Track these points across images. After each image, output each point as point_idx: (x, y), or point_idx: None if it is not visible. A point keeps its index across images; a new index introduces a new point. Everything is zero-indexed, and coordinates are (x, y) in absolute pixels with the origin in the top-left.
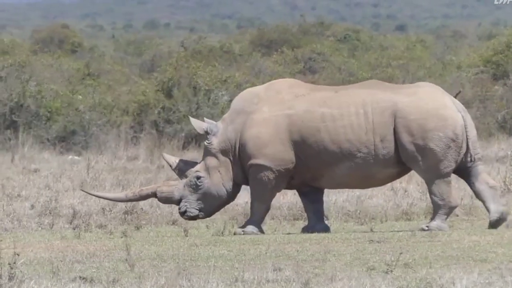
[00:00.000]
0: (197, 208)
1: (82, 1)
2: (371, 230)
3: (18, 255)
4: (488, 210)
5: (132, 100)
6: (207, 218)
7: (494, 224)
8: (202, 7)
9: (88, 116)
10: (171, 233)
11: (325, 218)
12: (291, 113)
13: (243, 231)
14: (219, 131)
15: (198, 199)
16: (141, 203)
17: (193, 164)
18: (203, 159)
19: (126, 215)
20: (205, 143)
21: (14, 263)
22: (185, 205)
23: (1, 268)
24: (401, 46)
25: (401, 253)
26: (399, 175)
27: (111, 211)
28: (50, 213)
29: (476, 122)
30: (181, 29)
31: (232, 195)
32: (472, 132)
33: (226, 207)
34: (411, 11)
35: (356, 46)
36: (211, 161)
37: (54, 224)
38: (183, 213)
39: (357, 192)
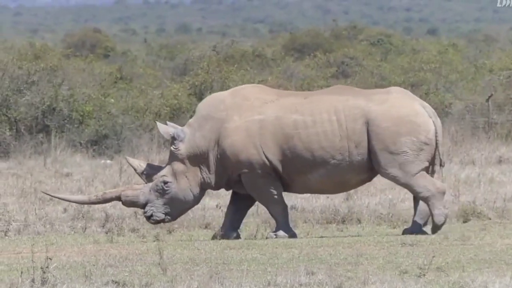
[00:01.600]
0: (164, 212)
1: (115, 5)
2: (404, 234)
3: (50, 259)
4: (412, 222)
5: (164, 104)
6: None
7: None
8: (234, 11)
9: (120, 120)
10: (203, 237)
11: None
12: (261, 118)
13: (275, 235)
14: (186, 136)
15: (164, 204)
16: None
17: (159, 168)
18: (169, 163)
19: None
20: (171, 148)
21: (47, 267)
22: (152, 209)
23: (33, 272)
24: (433, 50)
25: (433, 257)
26: (369, 179)
27: (141, 215)
28: (83, 217)
29: (509, 125)
30: (213, 33)
31: (198, 200)
32: (440, 137)
33: (259, 211)
34: (443, 15)
35: (388, 50)
36: (178, 166)
37: (86, 228)
38: (149, 217)
39: (390, 195)
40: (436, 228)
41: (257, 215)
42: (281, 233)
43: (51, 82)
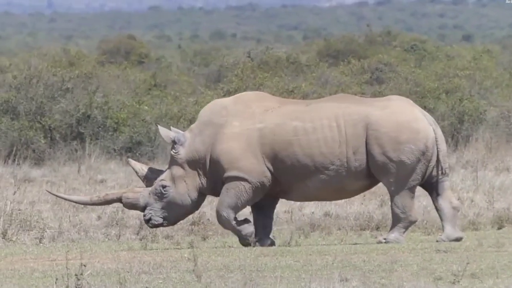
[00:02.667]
0: (162, 216)
1: (149, 12)
2: (438, 240)
3: (85, 266)
4: (443, 229)
5: (198, 110)
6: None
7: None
8: (268, 17)
9: (154, 127)
10: (237, 244)
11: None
12: (262, 127)
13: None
14: (187, 141)
15: (162, 208)
16: (208, 214)
17: (160, 172)
18: (169, 167)
19: (193, 226)
20: (171, 152)
21: (81, 274)
22: (150, 213)
23: (68, 279)
24: (467, 56)
25: (468, 263)
26: (370, 186)
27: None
28: (117, 224)
29: None
30: (247, 39)
31: (196, 205)
32: (443, 145)
33: (293, 218)
34: (478, 21)
35: (422, 56)
36: (177, 170)
37: (121, 235)
38: (147, 221)
39: (424, 202)
40: (382, 242)
41: (291, 222)
42: (244, 232)
43: (85, 89)
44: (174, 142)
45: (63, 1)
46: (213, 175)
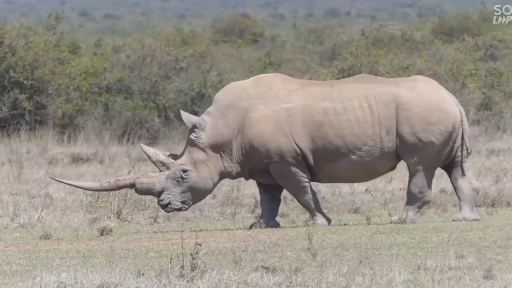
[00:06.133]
0: (181, 200)
1: None
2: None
3: (200, 245)
4: (460, 208)
5: None
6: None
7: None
8: None
9: None
10: (353, 222)
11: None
12: (290, 107)
13: (314, 223)
14: (207, 125)
15: (182, 192)
16: (324, 192)
17: (174, 156)
18: (187, 152)
19: None
20: (191, 136)
21: (196, 253)
22: (169, 197)
23: (183, 258)
24: None
25: None
26: (395, 167)
27: (293, 200)
28: (232, 203)
29: None
30: (361, 17)
31: (214, 188)
32: (466, 125)
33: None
34: None
35: None
36: (199, 154)
37: (236, 214)
38: (165, 205)
39: None
40: (397, 222)
41: (404, 199)
42: (318, 220)
43: (199, 68)
44: (194, 127)
45: None
46: (244, 159)
